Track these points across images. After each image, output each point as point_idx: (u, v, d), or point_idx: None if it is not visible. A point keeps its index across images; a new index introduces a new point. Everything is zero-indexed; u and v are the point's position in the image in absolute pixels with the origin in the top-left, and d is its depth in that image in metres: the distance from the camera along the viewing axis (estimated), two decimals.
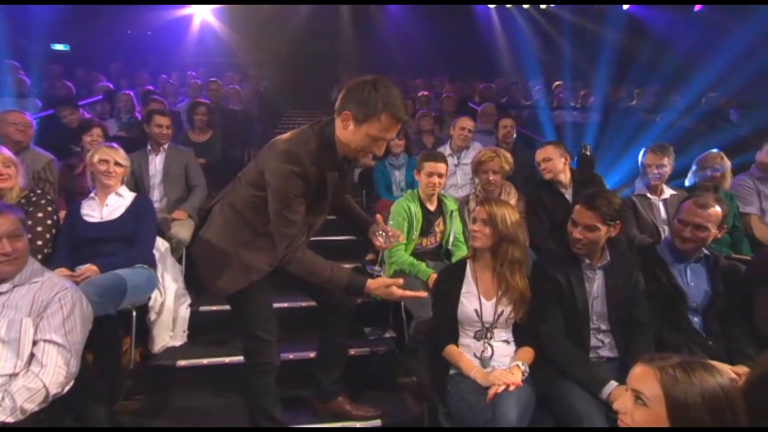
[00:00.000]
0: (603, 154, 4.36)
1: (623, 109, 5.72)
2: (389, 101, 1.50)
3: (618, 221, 1.87)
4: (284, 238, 1.62)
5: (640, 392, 1.03)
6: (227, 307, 2.82)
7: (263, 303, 1.84)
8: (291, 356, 2.41)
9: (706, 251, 2.06)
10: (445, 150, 3.68)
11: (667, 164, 2.85)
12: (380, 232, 1.79)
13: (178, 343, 2.64)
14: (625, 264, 1.94)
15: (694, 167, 3.09)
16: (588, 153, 3.60)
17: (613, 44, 7.33)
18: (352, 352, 2.34)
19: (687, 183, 3.12)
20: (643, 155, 2.93)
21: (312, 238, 1.82)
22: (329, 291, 1.87)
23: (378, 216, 1.85)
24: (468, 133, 3.70)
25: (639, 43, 7.46)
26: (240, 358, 2.43)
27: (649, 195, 2.88)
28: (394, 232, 1.78)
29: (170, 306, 2.63)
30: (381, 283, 1.64)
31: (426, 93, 6.54)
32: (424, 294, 1.65)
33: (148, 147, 3.39)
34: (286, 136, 1.68)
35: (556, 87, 7.08)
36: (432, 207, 2.73)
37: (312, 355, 2.29)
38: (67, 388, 1.56)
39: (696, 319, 2.01)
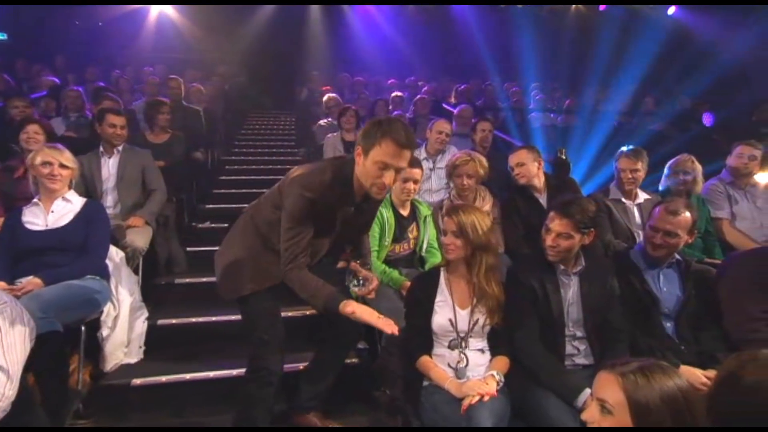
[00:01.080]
0: (578, 158, 4.51)
1: (599, 112, 5.94)
2: (389, 129, 1.69)
3: (592, 228, 1.94)
4: (288, 254, 1.79)
5: (604, 401, 1.10)
6: (189, 319, 2.90)
7: (269, 306, 1.95)
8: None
9: (678, 256, 2.17)
10: (420, 153, 3.73)
11: (641, 169, 2.95)
12: (353, 280, 1.88)
13: (133, 360, 2.58)
14: (600, 270, 2.02)
15: (666, 171, 3.24)
16: (564, 157, 3.71)
17: (589, 44, 7.60)
18: None
19: (660, 187, 3.27)
20: (617, 159, 3.04)
21: None
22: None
23: (353, 264, 1.98)
24: (445, 137, 3.75)
25: (614, 43, 7.76)
26: (204, 374, 2.44)
27: (623, 200, 2.98)
28: (366, 276, 1.88)
29: (125, 320, 2.57)
30: (347, 312, 1.73)
31: (400, 94, 6.60)
32: (394, 329, 1.69)
33: (101, 149, 3.30)
34: (307, 165, 1.91)
35: (532, 89, 7.28)
36: (405, 212, 2.77)
37: (301, 366, 2.32)
38: (2, 415, 1.49)
39: (668, 324, 2.11)
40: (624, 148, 3.03)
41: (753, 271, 2.14)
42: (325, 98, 5.98)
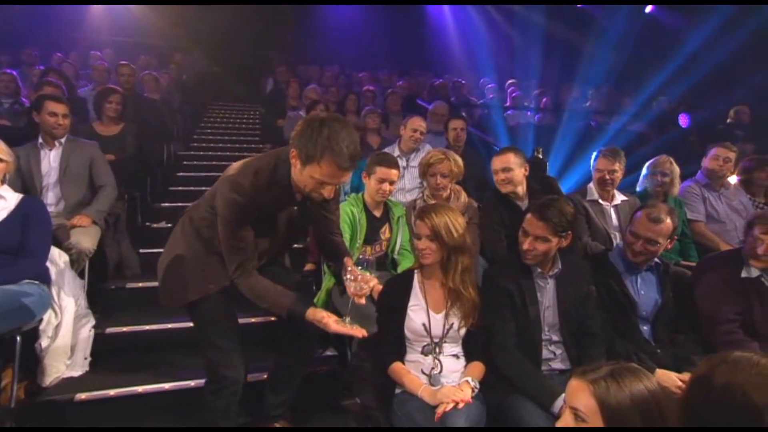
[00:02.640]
0: (553, 157, 4.65)
1: (577, 111, 6.14)
2: (331, 146, 1.57)
3: (569, 231, 2.00)
4: (232, 261, 1.79)
5: (577, 409, 1.16)
6: (142, 327, 2.84)
7: (222, 310, 1.92)
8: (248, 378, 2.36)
9: (657, 259, 2.27)
10: (394, 151, 3.76)
11: (619, 169, 3.05)
12: (348, 277, 1.80)
13: (77, 372, 2.50)
14: (577, 273, 2.09)
15: (645, 171, 3.38)
16: (540, 156, 3.82)
17: (567, 41, 7.83)
18: None
19: (638, 188, 3.41)
20: (595, 159, 3.13)
21: None
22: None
23: (346, 259, 1.95)
24: (419, 136, 3.79)
25: (592, 41, 8.04)
26: (159, 386, 2.40)
27: (600, 201, 3.08)
28: (363, 277, 1.80)
29: (68, 329, 2.48)
30: (317, 318, 1.75)
31: (371, 88, 6.63)
32: (361, 332, 1.70)
33: (40, 140, 3.18)
34: (241, 162, 1.82)
35: (508, 86, 7.43)
36: (378, 213, 2.79)
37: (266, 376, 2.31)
38: None
39: (645, 328, 2.22)
40: (602, 149, 3.13)
41: (727, 273, 2.27)
42: (364, 89, 6.15)
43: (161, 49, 8.50)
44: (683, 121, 5.70)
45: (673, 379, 1.94)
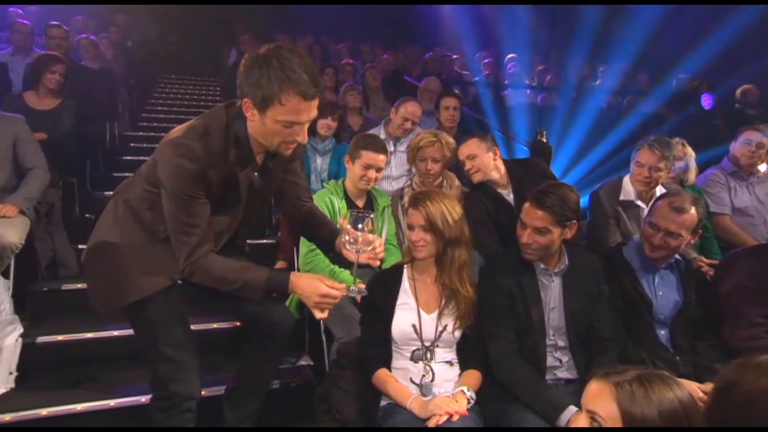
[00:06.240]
0: (560, 144, 4.71)
1: (585, 90, 6.23)
2: (287, 76, 1.54)
3: (574, 221, 2.03)
4: (184, 246, 1.70)
5: (595, 413, 1.18)
6: (81, 335, 2.81)
7: (171, 312, 1.83)
8: (203, 392, 2.34)
9: (677, 256, 2.31)
10: (379, 133, 3.78)
11: (665, 168, 2.91)
12: (348, 239, 1.73)
13: (0, 390, 2.46)
14: (586, 269, 2.12)
15: None
16: (544, 139, 3.86)
17: (575, 11, 7.91)
18: None
19: None
20: (637, 150, 2.98)
21: None
22: (266, 307, 1.93)
23: (342, 220, 1.83)
24: (411, 126, 3.79)
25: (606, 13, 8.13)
26: (102, 404, 2.37)
27: (638, 202, 2.97)
28: (365, 238, 1.71)
29: None
30: (311, 277, 1.71)
31: (351, 61, 6.62)
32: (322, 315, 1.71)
33: None
34: (185, 124, 1.74)
35: (508, 61, 7.48)
36: (360, 203, 2.83)
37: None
38: None
39: (663, 332, 2.26)
40: (650, 138, 2.98)
41: (753, 272, 2.30)
42: (343, 62, 6.12)
43: (99, 10, 8.27)
44: (706, 102, 5.83)
45: (694, 390, 1.98)
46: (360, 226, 1.70)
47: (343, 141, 4.00)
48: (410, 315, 1.93)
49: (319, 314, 1.72)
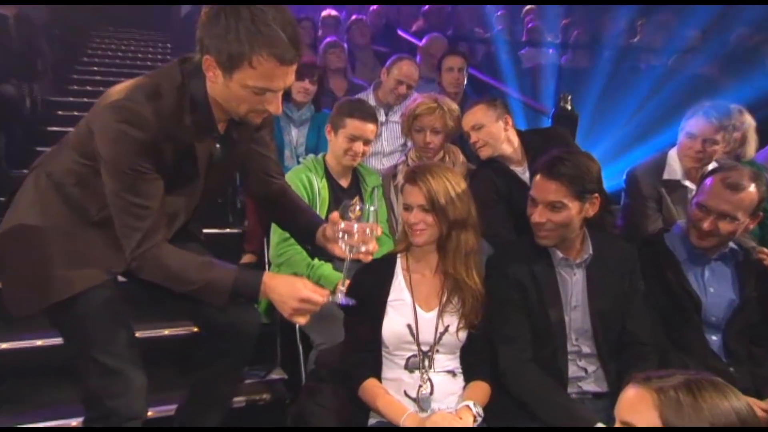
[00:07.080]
0: (587, 112, 4.71)
1: (620, 48, 6.22)
2: (262, 31, 1.50)
3: (596, 194, 2.02)
4: (132, 233, 1.66)
5: (630, 424, 1.18)
6: (37, 342, 2.75)
7: (109, 312, 1.79)
8: (150, 413, 2.35)
9: (733, 245, 2.32)
10: (368, 98, 3.79)
11: (721, 140, 2.87)
12: (341, 234, 1.74)
13: None
14: (617, 259, 2.14)
15: None
16: (569, 107, 3.89)
17: None
18: None
19: None
20: (689, 119, 2.95)
21: None
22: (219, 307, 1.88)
23: (334, 214, 1.82)
24: (406, 90, 3.82)
25: None
26: (27, 426, 2.37)
27: (686, 182, 2.97)
28: (362, 236, 1.73)
29: None
30: (288, 278, 1.74)
31: (334, 13, 6.59)
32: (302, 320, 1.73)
33: None
34: (127, 83, 1.69)
35: (525, 13, 7.50)
36: (345, 183, 2.84)
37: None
38: None
39: (714, 338, 2.28)
40: (706, 104, 2.94)
41: None
42: (324, 14, 6.09)
43: None
44: None
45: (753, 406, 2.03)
46: (349, 215, 1.72)
47: (324, 108, 4.01)
48: (405, 313, 1.94)
49: (299, 320, 1.73)
